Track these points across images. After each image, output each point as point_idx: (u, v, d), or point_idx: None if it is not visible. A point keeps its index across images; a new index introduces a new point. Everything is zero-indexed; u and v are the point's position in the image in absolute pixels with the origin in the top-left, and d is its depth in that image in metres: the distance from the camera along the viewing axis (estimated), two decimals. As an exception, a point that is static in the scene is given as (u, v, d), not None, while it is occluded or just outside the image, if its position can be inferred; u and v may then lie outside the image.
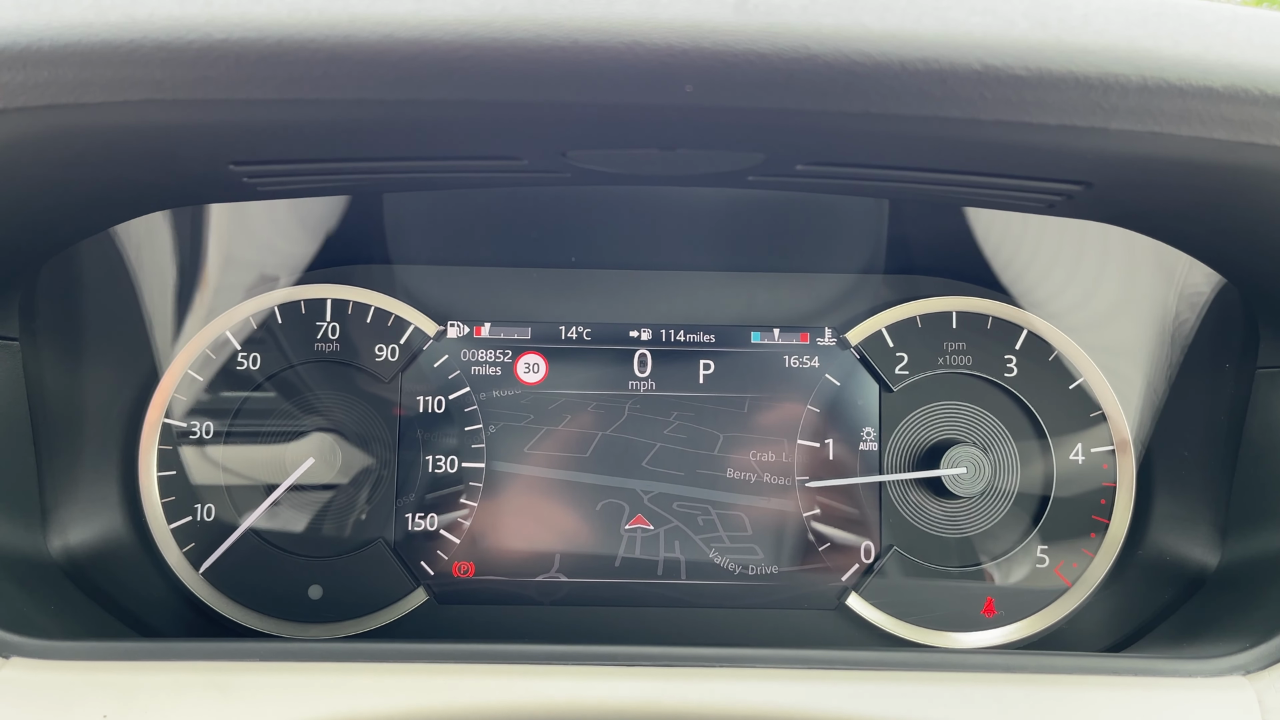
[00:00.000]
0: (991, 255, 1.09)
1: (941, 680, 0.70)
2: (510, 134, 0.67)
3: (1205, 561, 0.99)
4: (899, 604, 1.09)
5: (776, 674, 0.70)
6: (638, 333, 1.12)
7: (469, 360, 1.11)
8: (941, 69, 0.58)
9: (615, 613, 1.09)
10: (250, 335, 1.10)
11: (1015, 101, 0.59)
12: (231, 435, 1.09)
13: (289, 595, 1.07)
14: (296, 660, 0.71)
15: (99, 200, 0.80)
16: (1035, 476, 1.10)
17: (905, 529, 1.10)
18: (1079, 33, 0.59)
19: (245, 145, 0.69)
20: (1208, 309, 1.00)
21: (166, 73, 0.58)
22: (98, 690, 0.68)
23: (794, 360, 1.12)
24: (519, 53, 0.57)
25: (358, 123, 0.64)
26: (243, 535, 1.06)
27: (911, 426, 1.11)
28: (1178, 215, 0.80)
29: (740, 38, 0.57)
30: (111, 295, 1.03)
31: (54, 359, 0.97)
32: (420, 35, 0.57)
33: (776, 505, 1.10)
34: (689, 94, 0.58)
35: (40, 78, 0.58)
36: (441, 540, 1.09)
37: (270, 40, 0.57)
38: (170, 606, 1.06)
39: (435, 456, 1.10)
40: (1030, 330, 1.11)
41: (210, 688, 0.68)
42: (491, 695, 0.69)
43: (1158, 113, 0.60)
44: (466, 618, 1.09)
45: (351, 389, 1.10)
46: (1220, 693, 0.70)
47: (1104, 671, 0.72)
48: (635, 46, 0.57)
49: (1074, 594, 1.09)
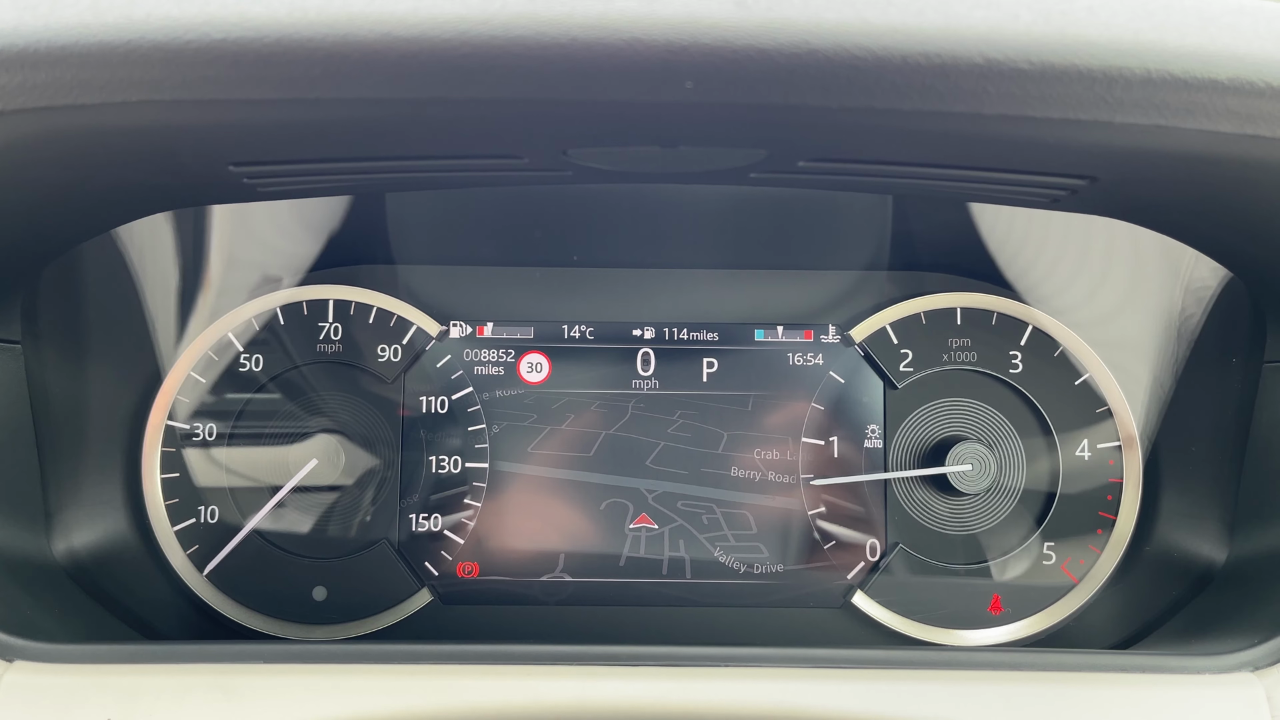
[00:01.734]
0: (996, 251, 1.09)
1: (948, 679, 0.70)
2: (510, 132, 0.66)
3: (1213, 557, 0.98)
4: (905, 602, 1.08)
5: (783, 673, 0.70)
6: (641, 331, 1.12)
7: (472, 360, 1.11)
8: (944, 63, 0.58)
9: (620, 612, 1.09)
10: (253, 337, 1.09)
11: (1018, 95, 0.59)
12: (235, 437, 1.08)
13: (293, 597, 1.07)
14: (301, 662, 0.71)
15: (99, 202, 0.80)
16: (1041, 473, 1.10)
17: (911, 526, 1.09)
18: (1083, 25, 0.59)
19: (244, 146, 0.69)
20: (1214, 303, 0.99)
21: (164, 73, 0.57)
22: (102, 693, 0.68)
23: (798, 358, 1.11)
24: (518, 51, 0.57)
25: (357, 122, 0.63)
26: (247, 537, 1.06)
27: (916, 423, 1.11)
28: (1183, 209, 0.79)
29: (740, 33, 0.56)
30: (114, 297, 1.02)
31: (56, 362, 0.97)
32: (419, 34, 0.56)
33: (781, 503, 1.10)
34: (689, 91, 0.58)
35: (37, 79, 0.58)
36: (446, 541, 1.09)
37: (268, 40, 0.57)
38: (174, 609, 1.06)
39: (439, 457, 1.09)
40: (1036, 326, 1.11)
41: (214, 690, 0.68)
42: (497, 696, 0.69)
43: (1162, 106, 0.60)
44: (471, 618, 1.09)
45: (354, 390, 1.10)
46: (1229, 689, 0.70)
47: (1112, 669, 0.71)
48: (635, 43, 0.56)
49: (1081, 590, 1.08)
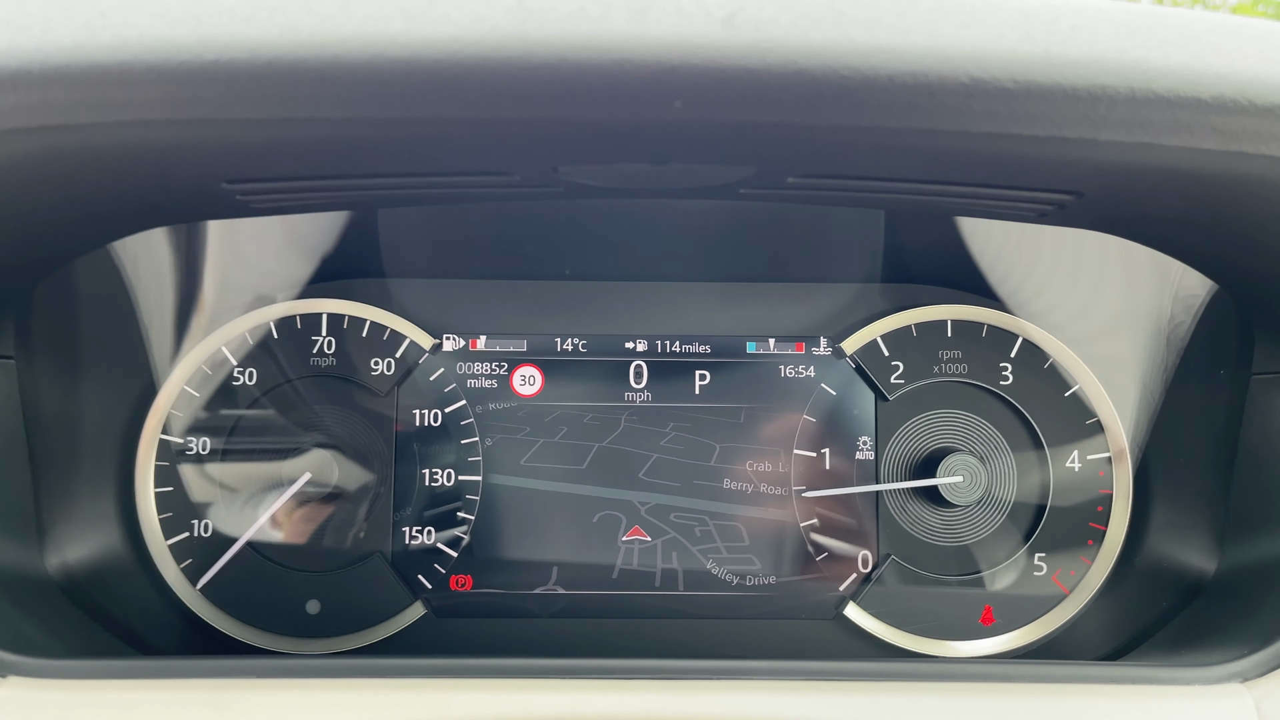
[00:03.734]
0: (986, 264, 1.09)
1: (940, 691, 0.70)
2: (501, 150, 0.67)
3: (1203, 568, 0.99)
4: (897, 613, 1.09)
5: (775, 686, 0.70)
6: (633, 344, 1.12)
7: (465, 373, 1.11)
8: (930, 82, 0.58)
9: (613, 624, 1.09)
10: (247, 351, 1.10)
11: (1004, 113, 0.60)
12: (228, 451, 1.09)
13: (287, 610, 1.07)
14: (294, 677, 0.71)
15: (93, 218, 0.80)
16: (1032, 485, 1.10)
17: (903, 538, 1.10)
18: (1067, 45, 0.59)
19: (238, 164, 0.69)
20: (1202, 316, 1.00)
21: (157, 94, 0.58)
22: (95, 708, 0.68)
23: (790, 370, 1.12)
24: (508, 71, 0.57)
25: (349, 141, 0.64)
26: (240, 551, 1.06)
27: (908, 435, 1.11)
28: (1170, 223, 0.80)
29: (728, 54, 0.57)
30: (108, 312, 1.03)
31: (50, 376, 0.97)
32: (410, 54, 0.57)
33: (774, 515, 1.10)
34: (678, 110, 0.59)
35: (31, 100, 0.58)
36: (439, 554, 1.09)
37: (261, 61, 0.57)
38: (168, 623, 1.06)
39: (432, 470, 1.10)
40: (1025, 338, 1.11)
41: (207, 705, 0.68)
42: (490, 710, 0.69)
43: (1146, 123, 0.61)
44: (464, 631, 1.09)
45: (348, 403, 1.10)
46: (1218, 700, 0.70)
47: (1102, 680, 0.72)
48: (624, 64, 0.57)
49: (1072, 602, 1.08)
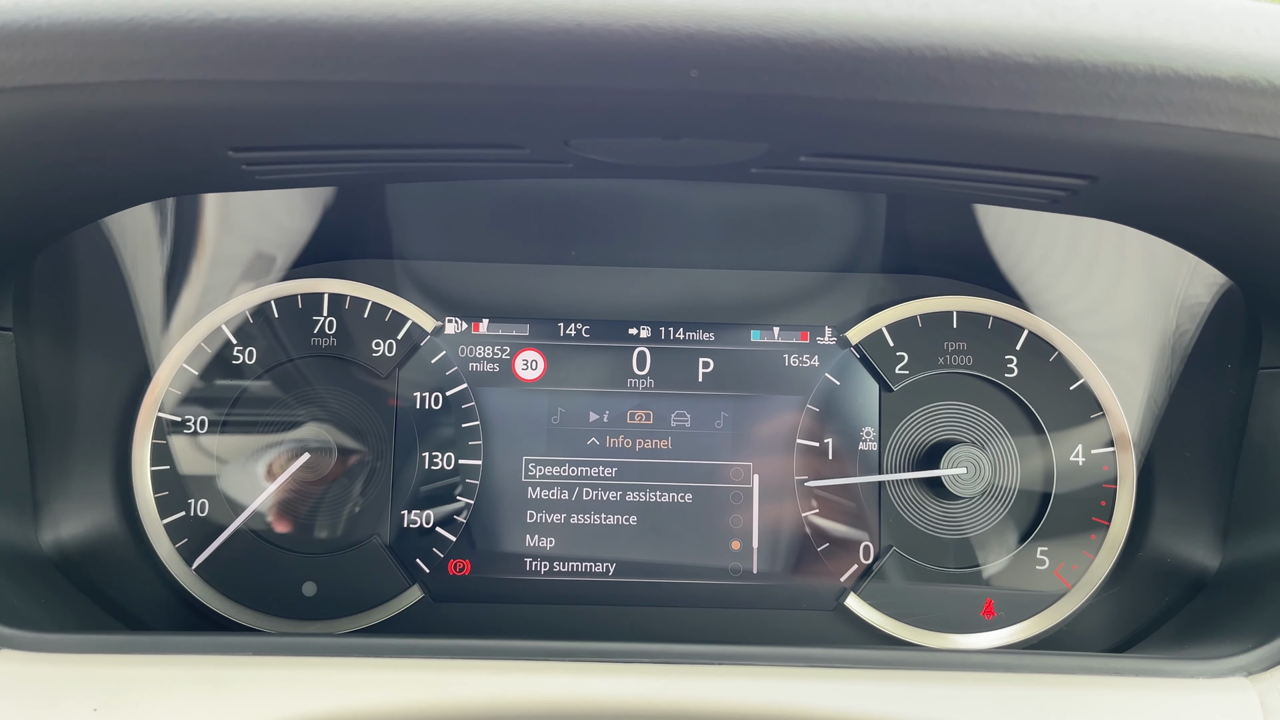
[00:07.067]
0: (993, 255, 1.09)
1: (941, 679, 0.70)
2: (513, 120, 0.66)
3: (1207, 563, 0.98)
4: (898, 605, 1.08)
5: (775, 672, 0.70)
6: (637, 330, 1.12)
7: (466, 356, 1.10)
8: (949, 56, 0.58)
9: (612, 611, 1.08)
10: (246, 329, 1.09)
11: (1023, 90, 0.59)
12: (226, 430, 1.08)
13: (283, 592, 1.06)
14: (290, 655, 0.70)
15: (95, 187, 0.79)
16: (1035, 477, 1.10)
17: (904, 529, 1.09)
18: (1087, 21, 0.59)
19: (244, 130, 0.69)
20: (1210, 309, 0.99)
21: (166, 52, 0.57)
22: (88, 683, 0.67)
23: (793, 359, 1.11)
24: (523, 35, 0.56)
25: (359, 107, 0.63)
26: (236, 531, 1.05)
27: (911, 426, 1.10)
28: (1182, 212, 0.80)
29: (746, 22, 0.56)
30: (107, 287, 1.02)
31: (48, 350, 0.96)
32: (424, 16, 0.56)
33: (775, 505, 1.09)
34: (694, 79, 0.58)
35: (38, 56, 0.58)
36: (437, 537, 1.08)
37: (272, 20, 0.56)
38: (162, 602, 1.05)
39: (431, 453, 1.09)
40: (1031, 330, 1.11)
41: (202, 681, 0.68)
42: (487, 692, 0.68)
43: (1165, 103, 0.60)
44: (462, 615, 1.08)
45: (348, 384, 1.09)
46: (1222, 694, 0.70)
47: (1105, 671, 0.71)
48: (641, 30, 0.56)
49: (1074, 595, 1.08)
